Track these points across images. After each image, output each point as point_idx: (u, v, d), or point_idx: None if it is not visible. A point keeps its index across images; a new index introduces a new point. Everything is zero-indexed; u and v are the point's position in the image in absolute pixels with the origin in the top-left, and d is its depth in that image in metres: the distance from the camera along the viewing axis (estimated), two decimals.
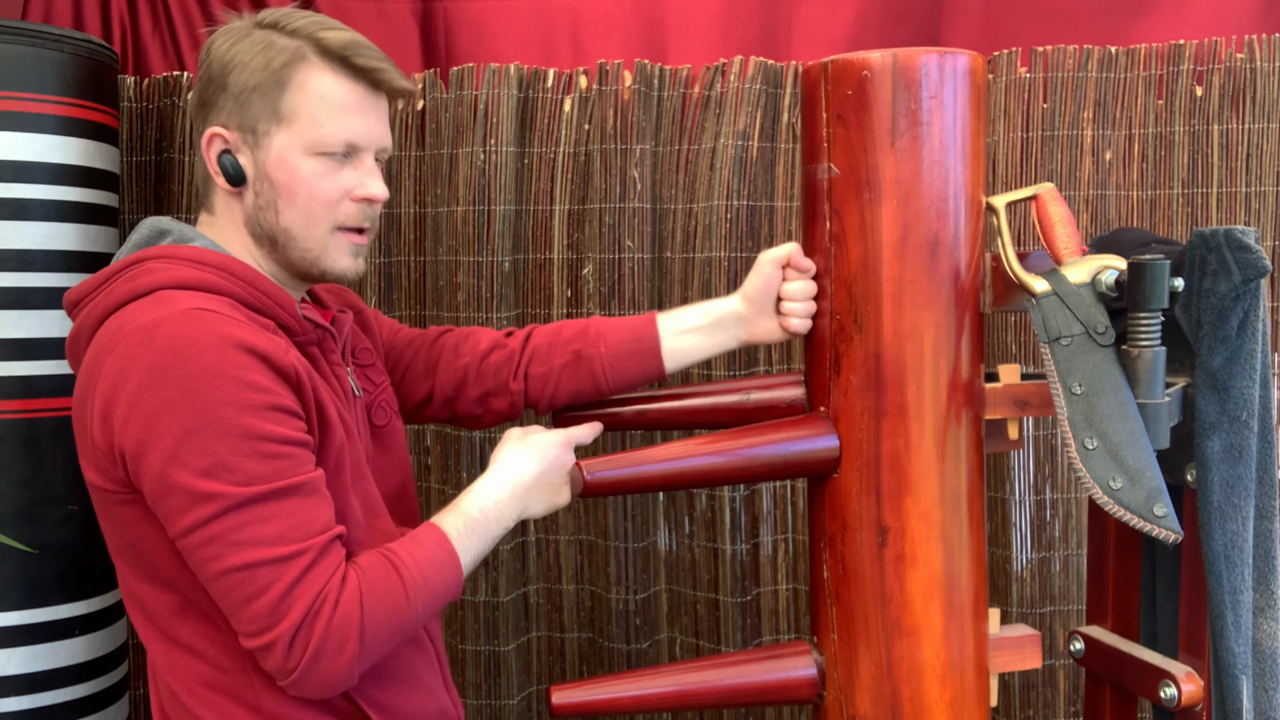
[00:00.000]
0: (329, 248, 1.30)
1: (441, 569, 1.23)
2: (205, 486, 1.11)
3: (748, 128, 2.28)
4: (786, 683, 1.39)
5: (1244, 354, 1.29)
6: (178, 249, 1.26)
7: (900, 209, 1.30)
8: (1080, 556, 2.27)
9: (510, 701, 2.38)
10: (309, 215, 1.28)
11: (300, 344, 1.29)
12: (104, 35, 2.52)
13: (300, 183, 1.27)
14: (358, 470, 1.31)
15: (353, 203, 1.30)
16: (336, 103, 1.28)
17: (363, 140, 1.29)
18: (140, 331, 1.15)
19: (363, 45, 1.30)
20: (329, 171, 1.28)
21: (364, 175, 1.30)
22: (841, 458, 1.34)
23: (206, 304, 1.17)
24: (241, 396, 1.12)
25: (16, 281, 1.89)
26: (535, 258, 2.37)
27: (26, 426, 1.90)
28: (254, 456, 1.12)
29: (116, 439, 1.14)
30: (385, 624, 1.17)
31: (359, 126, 1.29)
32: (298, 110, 1.27)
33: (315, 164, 1.27)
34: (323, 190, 1.28)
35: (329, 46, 1.28)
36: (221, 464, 1.11)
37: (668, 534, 2.39)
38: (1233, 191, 2.24)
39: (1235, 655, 1.31)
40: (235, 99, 1.28)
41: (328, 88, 1.27)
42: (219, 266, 1.24)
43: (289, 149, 1.27)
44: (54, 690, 1.93)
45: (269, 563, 1.12)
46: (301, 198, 1.28)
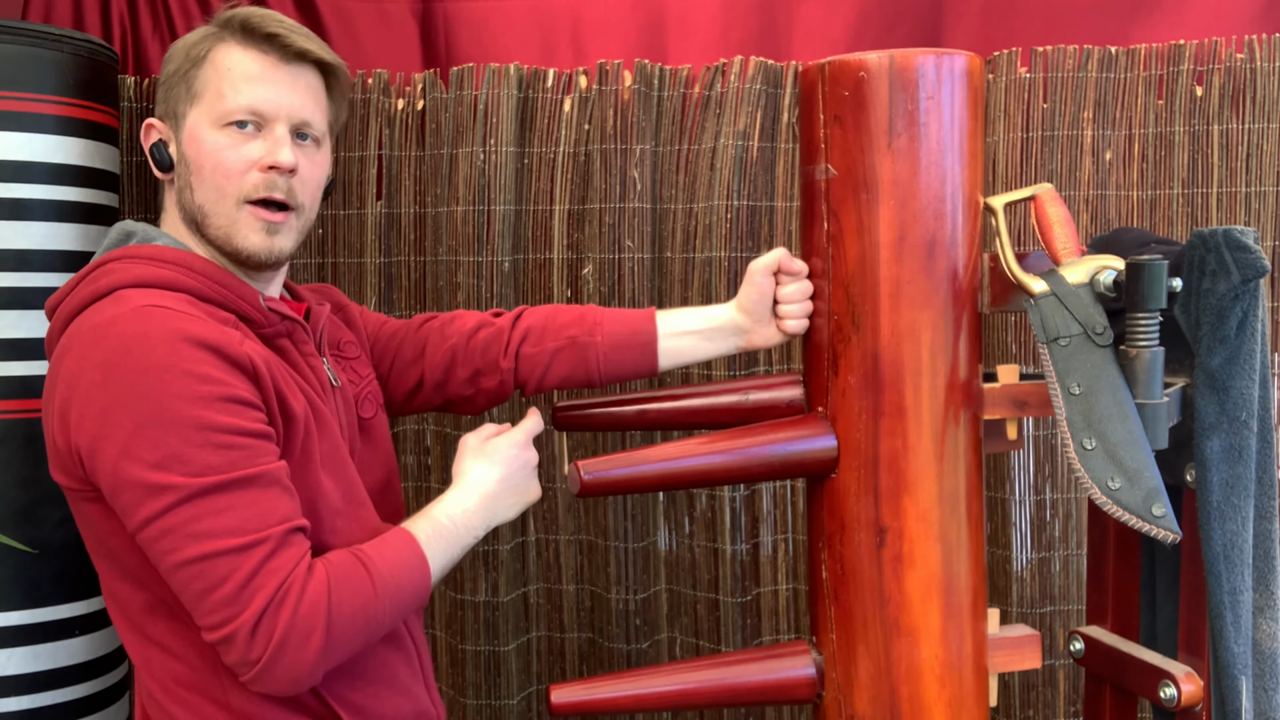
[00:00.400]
0: (238, 223, 1.27)
1: (410, 570, 1.22)
2: (158, 479, 1.10)
3: (748, 128, 2.28)
4: (785, 682, 1.39)
5: (1243, 354, 1.29)
6: (139, 249, 1.26)
7: (897, 209, 1.30)
8: (1080, 556, 2.27)
9: (510, 701, 2.38)
10: (216, 189, 1.27)
11: (267, 336, 1.28)
12: (104, 35, 2.52)
13: (206, 155, 1.27)
14: (335, 459, 1.30)
15: (259, 173, 1.27)
16: (240, 72, 1.27)
17: (269, 109, 1.28)
18: (93, 331, 1.15)
19: (271, 17, 1.29)
20: (234, 143, 1.27)
21: (272, 145, 1.27)
22: (840, 458, 1.34)
23: (159, 300, 1.17)
24: (192, 389, 1.11)
25: (16, 281, 1.89)
26: (535, 258, 2.37)
27: (26, 426, 1.90)
28: (207, 447, 1.11)
29: (73, 437, 1.14)
30: (354, 617, 1.15)
31: (264, 94, 1.27)
32: (207, 85, 1.28)
33: (220, 136, 1.27)
34: (226, 161, 1.26)
35: (237, 21, 1.28)
36: (174, 456, 1.10)
37: (668, 534, 2.39)
38: (1233, 191, 2.24)
39: (1235, 655, 1.31)
40: (164, 89, 1.31)
41: (234, 60, 1.28)
42: (177, 263, 1.24)
43: (199, 124, 1.28)
44: (54, 690, 1.93)
45: (226, 553, 1.10)
46: (208, 170, 1.27)
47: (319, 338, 1.39)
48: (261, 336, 1.27)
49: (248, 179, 1.27)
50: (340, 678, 1.27)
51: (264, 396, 1.19)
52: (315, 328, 1.38)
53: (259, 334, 1.27)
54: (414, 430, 2.41)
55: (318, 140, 1.34)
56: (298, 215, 1.32)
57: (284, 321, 1.31)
